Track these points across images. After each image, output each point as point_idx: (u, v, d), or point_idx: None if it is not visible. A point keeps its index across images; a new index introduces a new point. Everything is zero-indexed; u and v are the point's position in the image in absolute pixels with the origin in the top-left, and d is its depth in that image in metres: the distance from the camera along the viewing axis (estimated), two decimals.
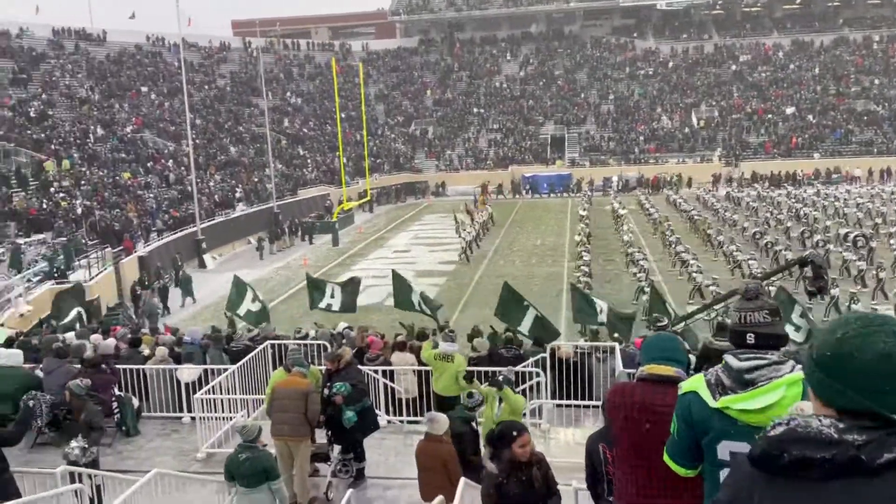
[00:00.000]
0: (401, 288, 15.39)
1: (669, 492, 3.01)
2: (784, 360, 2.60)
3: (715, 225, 34.01)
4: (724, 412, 2.55)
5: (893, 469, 1.48)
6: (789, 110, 58.29)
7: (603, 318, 14.80)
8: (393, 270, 16.58)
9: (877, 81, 59.69)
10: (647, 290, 20.77)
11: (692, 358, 8.24)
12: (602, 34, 73.31)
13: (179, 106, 48.14)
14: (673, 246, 28.95)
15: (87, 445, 7.43)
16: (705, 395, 2.61)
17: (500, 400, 7.69)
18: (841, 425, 1.53)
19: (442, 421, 6.73)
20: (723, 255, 28.28)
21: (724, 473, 2.58)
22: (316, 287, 15.78)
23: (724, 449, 2.57)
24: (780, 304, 15.39)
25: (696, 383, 2.67)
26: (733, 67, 65.02)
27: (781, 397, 2.48)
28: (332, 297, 15.39)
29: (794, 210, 37.10)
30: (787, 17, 71.42)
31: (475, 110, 64.65)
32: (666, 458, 2.82)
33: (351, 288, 15.58)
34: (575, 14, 75.39)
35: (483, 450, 4.81)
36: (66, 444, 7.56)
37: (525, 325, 13.00)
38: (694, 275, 23.94)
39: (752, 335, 2.67)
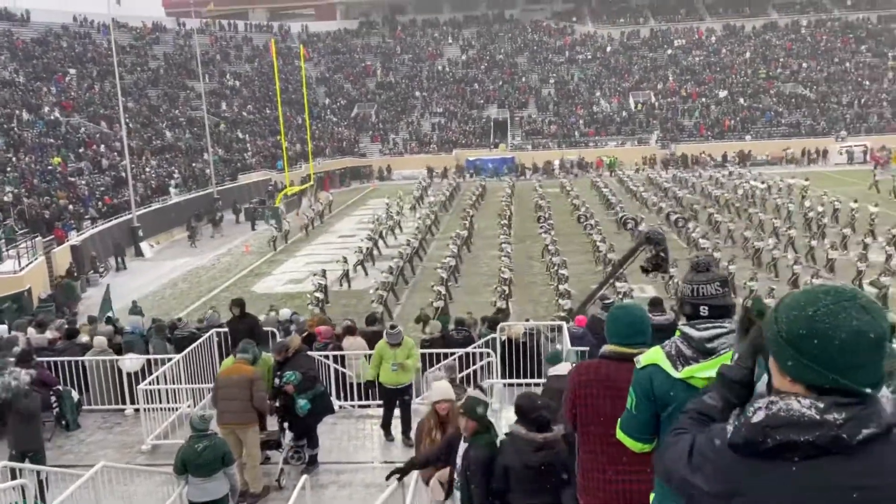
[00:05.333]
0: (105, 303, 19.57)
1: (636, 468, 3.03)
2: None
3: (630, 208, 34.42)
4: (688, 382, 2.57)
5: (870, 444, 1.50)
6: (722, 94, 59.95)
7: None
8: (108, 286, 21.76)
9: (805, 65, 61.93)
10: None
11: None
12: (542, 18, 73.82)
13: (111, 89, 46.36)
14: (587, 229, 29.53)
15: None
16: (667, 366, 2.61)
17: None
18: (821, 405, 1.51)
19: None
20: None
21: None
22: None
23: None
24: None
25: (655, 356, 2.67)
26: (669, 51, 66.40)
27: None
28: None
29: (704, 190, 38.32)
30: (719, 2, 73.25)
31: (418, 94, 64.31)
32: (620, 434, 2.80)
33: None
34: None
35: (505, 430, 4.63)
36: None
37: None
38: (608, 255, 24.22)
39: (706, 307, 2.71)
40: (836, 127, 54.32)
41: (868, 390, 1.52)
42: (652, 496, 2.50)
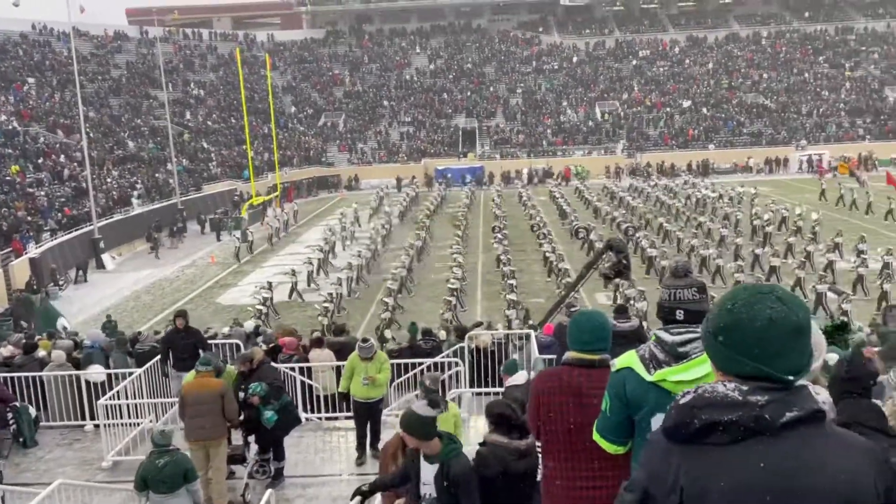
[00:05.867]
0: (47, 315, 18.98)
1: (601, 473, 3.04)
2: None
3: (585, 217, 34.69)
4: (660, 385, 2.61)
5: (795, 427, 1.57)
6: (685, 103, 60.97)
7: None
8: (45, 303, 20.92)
9: (765, 76, 63.32)
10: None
11: None
12: (509, 28, 74.42)
13: (71, 98, 45.52)
14: (540, 238, 29.66)
15: None
16: (640, 370, 2.66)
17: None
18: (744, 387, 1.61)
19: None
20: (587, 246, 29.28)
21: None
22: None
23: (658, 422, 2.61)
24: None
25: (629, 359, 2.72)
26: (633, 62, 67.36)
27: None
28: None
29: (658, 201, 38.97)
30: (682, 13, 74.68)
31: (386, 103, 64.24)
32: (595, 436, 2.84)
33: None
34: (483, 8, 76.25)
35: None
36: None
37: None
38: (558, 265, 24.43)
39: (682, 311, 2.75)
40: (797, 136, 55.60)
41: (790, 377, 1.60)
42: None
